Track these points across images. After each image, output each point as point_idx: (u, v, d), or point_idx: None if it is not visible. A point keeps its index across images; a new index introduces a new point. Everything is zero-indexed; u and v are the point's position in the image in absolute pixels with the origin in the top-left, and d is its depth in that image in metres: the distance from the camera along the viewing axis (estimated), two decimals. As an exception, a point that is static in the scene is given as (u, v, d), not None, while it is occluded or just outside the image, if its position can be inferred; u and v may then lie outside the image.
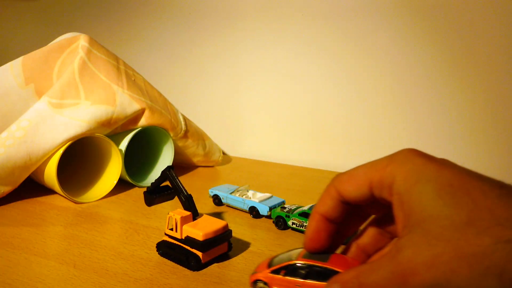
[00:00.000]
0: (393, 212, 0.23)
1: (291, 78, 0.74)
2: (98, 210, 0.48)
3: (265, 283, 0.30)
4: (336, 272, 0.26)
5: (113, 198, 0.52)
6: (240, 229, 0.43)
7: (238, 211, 0.48)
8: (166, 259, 0.35)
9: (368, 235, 0.28)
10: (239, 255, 0.37)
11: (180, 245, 0.35)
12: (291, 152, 0.76)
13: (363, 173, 0.24)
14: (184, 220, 0.35)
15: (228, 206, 0.49)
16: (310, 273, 0.27)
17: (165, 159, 0.60)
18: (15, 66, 0.52)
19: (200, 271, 0.33)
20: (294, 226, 0.42)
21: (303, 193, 0.56)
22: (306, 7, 0.70)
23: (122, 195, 0.53)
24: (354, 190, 0.25)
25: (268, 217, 0.45)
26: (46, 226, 0.43)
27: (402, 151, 0.23)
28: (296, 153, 0.76)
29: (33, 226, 0.42)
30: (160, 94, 0.61)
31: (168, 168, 0.39)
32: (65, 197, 0.49)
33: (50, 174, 0.48)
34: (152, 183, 0.41)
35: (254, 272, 0.30)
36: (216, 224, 0.35)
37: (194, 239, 0.34)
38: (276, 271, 0.29)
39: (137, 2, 0.87)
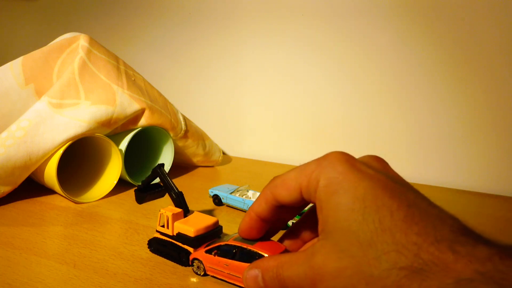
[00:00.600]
0: (317, 214, 0.24)
1: (291, 78, 0.74)
2: (98, 210, 0.48)
3: (200, 262, 0.33)
4: (261, 255, 0.28)
5: (113, 198, 0.52)
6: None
7: (238, 211, 0.48)
8: (166, 259, 0.35)
9: (304, 224, 0.29)
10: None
11: (171, 242, 0.35)
12: (291, 152, 0.76)
13: (293, 178, 0.25)
14: (175, 217, 0.35)
15: (228, 206, 0.49)
16: (238, 254, 0.30)
17: (165, 159, 0.60)
18: (15, 66, 0.52)
19: (200, 271, 0.33)
20: None
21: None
22: (307, 8, 0.70)
23: (122, 195, 0.53)
24: (287, 195, 0.26)
25: None
26: (46, 226, 0.43)
27: (329, 156, 0.24)
28: (296, 153, 0.76)
29: (33, 226, 0.42)
30: (160, 94, 0.61)
31: (159, 166, 0.40)
32: (65, 197, 0.49)
33: (50, 174, 0.48)
34: (142, 181, 0.41)
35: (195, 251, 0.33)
36: (207, 220, 0.35)
37: (186, 235, 0.34)
38: (209, 251, 0.32)
39: (137, 2, 0.87)
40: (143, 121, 0.55)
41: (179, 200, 0.37)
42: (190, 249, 0.34)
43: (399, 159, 0.68)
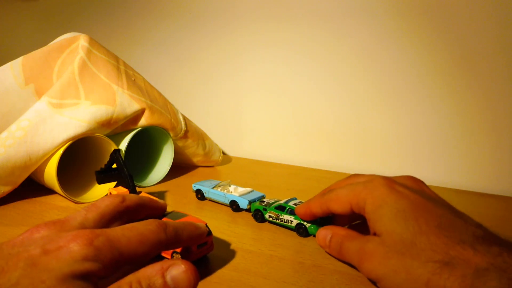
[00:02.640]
0: (368, 223, 0.32)
1: (291, 78, 0.74)
2: (98, 210, 0.48)
3: None
4: None
5: (113, 198, 0.52)
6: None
7: (220, 205, 0.49)
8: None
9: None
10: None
11: None
12: (291, 152, 0.76)
13: (345, 195, 0.33)
14: None
15: (211, 200, 0.50)
16: None
17: (165, 159, 0.60)
18: (15, 66, 0.52)
19: (200, 272, 0.33)
20: (270, 219, 0.43)
21: (303, 193, 0.56)
22: (307, 9, 0.70)
23: (122, 195, 0.53)
24: (339, 207, 0.34)
25: (248, 210, 0.46)
26: (46, 226, 0.43)
27: (374, 180, 0.32)
28: (296, 153, 0.76)
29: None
30: (160, 94, 0.61)
31: (115, 151, 0.46)
32: (65, 197, 0.49)
33: (50, 174, 0.48)
34: (105, 164, 0.47)
35: None
36: None
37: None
38: None
39: (136, 2, 0.87)
40: (143, 121, 0.55)
41: (127, 182, 0.43)
42: None
43: (399, 159, 0.68)
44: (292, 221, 0.41)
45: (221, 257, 0.36)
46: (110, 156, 0.45)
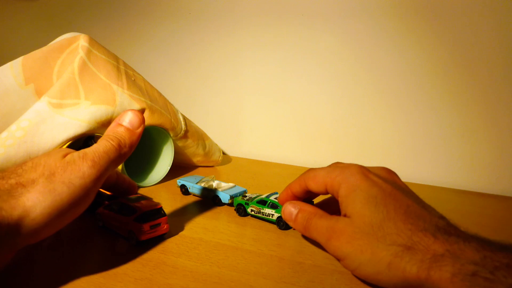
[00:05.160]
0: (339, 206, 0.34)
1: (290, 79, 0.74)
2: (98, 210, 0.48)
3: (100, 215, 0.41)
4: (135, 210, 0.37)
5: (113, 198, 0.52)
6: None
7: (203, 199, 0.51)
8: (166, 259, 0.35)
9: (331, 201, 0.41)
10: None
11: (96, 200, 0.42)
12: (291, 152, 0.76)
13: (322, 176, 0.35)
14: None
15: (194, 195, 0.52)
16: (121, 209, 0.39)
17: (165, 159, 0.60)
18: (15, 66, 0.52)
19: (201, 272, 0.33)
20: (252, 212, 0.45)
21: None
22: (307, 10, 0.70)
23: (122, 195, 0.53)
24: (315, 186, 0.36)
25: (230, 204, 0.48)
26: (46, 226, 0.43)
27: (350, 167, 0.34)
28: (296, 153, 0.76)
29: (33, 226, 0.42)
30: (160, 94, 0.61)
31: (88, 137, 0.49)
32: (65, 197, 0.49)
33: (50, 174, 0.47)
34: (79, 147, 0.51)
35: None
36: None
37: (102, 193, 0.43)
38: (105, 207, 0.41)
39: (137, 2, 0.87)
40: (143, 121, 0.55)
41: None
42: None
43: (399, 160, 0.68)
44: (273, 214, 0.42)
45: (217, 256, 0.36)
46: (84, 142, 0.49)
